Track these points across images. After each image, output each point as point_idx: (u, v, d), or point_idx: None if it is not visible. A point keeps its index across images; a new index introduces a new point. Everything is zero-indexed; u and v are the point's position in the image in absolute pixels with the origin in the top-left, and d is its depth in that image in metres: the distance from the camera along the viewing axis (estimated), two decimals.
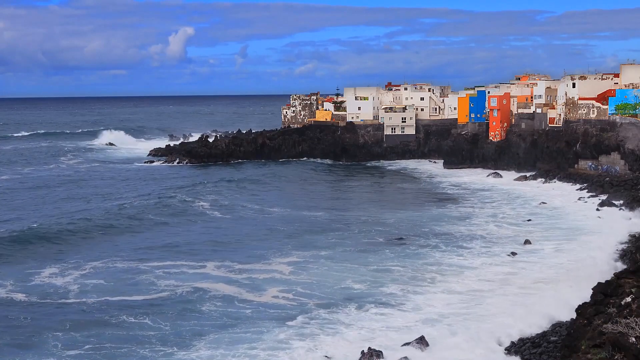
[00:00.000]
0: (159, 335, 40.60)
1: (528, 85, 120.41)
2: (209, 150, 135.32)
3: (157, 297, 47.64)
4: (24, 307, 45.75)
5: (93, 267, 55.26)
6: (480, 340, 38.35)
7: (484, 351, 36.86)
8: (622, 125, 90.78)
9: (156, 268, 54.89)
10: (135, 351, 38.26)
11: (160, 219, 75.34)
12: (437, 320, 41.90)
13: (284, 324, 42.16)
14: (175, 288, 49.48)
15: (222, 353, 37.68)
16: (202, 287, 49.62)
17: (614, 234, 62.86)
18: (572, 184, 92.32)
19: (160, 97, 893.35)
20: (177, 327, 41.77)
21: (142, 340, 39.81)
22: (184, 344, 39.23)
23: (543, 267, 53.99)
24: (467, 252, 59.72)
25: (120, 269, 54.75)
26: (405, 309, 44.47)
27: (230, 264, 56.06)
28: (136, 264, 56.21)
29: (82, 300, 47.13)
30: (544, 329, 39.18)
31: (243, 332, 40.83)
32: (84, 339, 39.83)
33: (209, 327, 41.78)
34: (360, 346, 37.53)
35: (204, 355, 37.50)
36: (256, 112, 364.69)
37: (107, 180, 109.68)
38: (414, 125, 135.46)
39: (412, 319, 42.46)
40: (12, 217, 76.10)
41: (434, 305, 44.97)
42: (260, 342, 39.09)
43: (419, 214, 78.22)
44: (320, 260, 57.07)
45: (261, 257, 58.28)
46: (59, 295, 48.27)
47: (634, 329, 27.31)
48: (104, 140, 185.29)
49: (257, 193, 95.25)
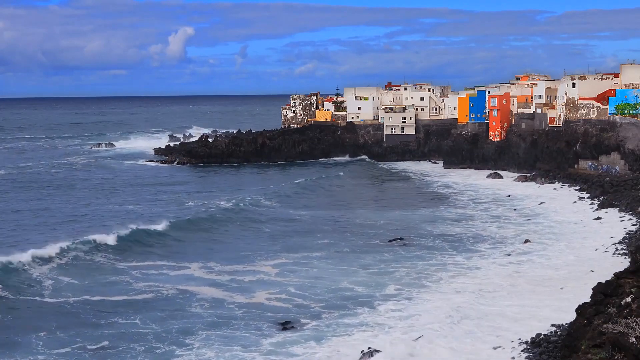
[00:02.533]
0: (150, 334, 40.55)
1: (528, 85, 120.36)
2: (209, 150, 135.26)
3: (152, 297, 47.63)
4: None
5: (67, 263, 54.99)
6: (480, 341, 38.35)
7: (484, 351, 36.83)
8: (622, 125, 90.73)
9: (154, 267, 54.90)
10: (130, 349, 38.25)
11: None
12: (437, 321, 41.81)
13: (283, 323, 42.10)
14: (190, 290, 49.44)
15: (225, 354, 37.64)
16: (189, 289, 49.65)
17: (613, 234, 62.86)
18: (572, 184, 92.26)
19: (160, 97, 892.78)
20: (169, 326, 41.63)
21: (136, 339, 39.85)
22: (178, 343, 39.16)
23: (543, 267, 53.95)
24: (467, 252, 59.69)
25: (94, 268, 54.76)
26: (405, 309, 44.39)
27: (216, 265, 56.10)
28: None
29: (61, 300, 46.90)
30: (544, 329, 39.14)
31: (242, 333, 40.78)
32: (70, 338, 39.71)
33: (203, 326, 41.75)
34: (360, 346, 37.51)
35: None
36: (256, 112, 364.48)
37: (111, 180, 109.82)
38: (414, 125, 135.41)
39: (412, 319, 42.39)
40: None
41: (434, 305, 44.86)
42: (260, 343, 39.05)
43: (419, 214, 78.18)
44: (320, 261, 57.09)
45: (246, 259, 58.10)
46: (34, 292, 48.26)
47: (634, 329, 27.27)
48: (103, 140, 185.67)
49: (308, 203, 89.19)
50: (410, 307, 44.74)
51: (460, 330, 40.17)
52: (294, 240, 64.88)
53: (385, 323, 41.70)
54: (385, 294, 47.59)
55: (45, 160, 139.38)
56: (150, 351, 37.98)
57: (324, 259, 57.58)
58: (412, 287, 49.11)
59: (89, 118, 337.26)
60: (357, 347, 37.40)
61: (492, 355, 36.35)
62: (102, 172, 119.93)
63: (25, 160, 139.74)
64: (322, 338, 39.56)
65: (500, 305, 44.64)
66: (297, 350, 37.87)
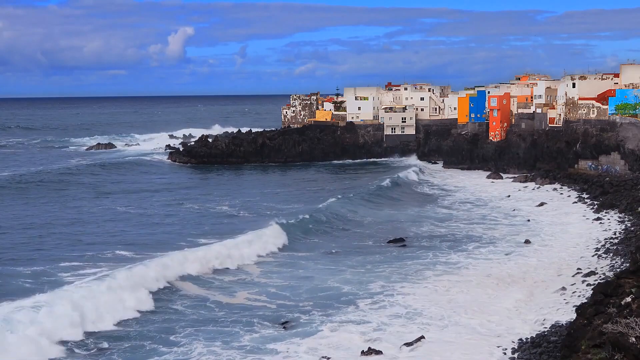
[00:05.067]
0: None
1: (528, 85, 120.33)
2: (209, 150, 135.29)
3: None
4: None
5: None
6: (480, 341, 38.36)
7: (484, 351, 36.83)
8: (622, 125, 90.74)
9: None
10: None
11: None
12: (437, 320, 41.86)
13: (281, 323, 42.13)
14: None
15: (225, 354, 37.68)
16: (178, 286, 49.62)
17: (613, 234, 62.88)
18: (572, 184, 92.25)
19: (160, 97, 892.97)
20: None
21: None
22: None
23: (543, 267, 53.95)
24: (467, 252, 59.72)
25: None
26: (405, 309, 44.37)
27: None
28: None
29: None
30: (544, 329, 39.16)
31: (242, 333, 40.82)
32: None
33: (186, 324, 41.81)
34: (360, 346, 37.51)
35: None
36: (256, 112, 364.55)
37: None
38: (414, 125, 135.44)
39: (412, 319, 42.39)
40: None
41: (434, 305, 44.86)
42: (260, 343, 39.08)
43: (417, 214, 78.20)
44: (315, 261, 57.11)
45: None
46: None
47: (634, 329, 27.26)
48: (103, 140, 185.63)
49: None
50: (410, 307, 44.69)
51: (460, 330, 40.18)
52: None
53: (386, 323, 41.70)
54: (385, 294, 47.52)
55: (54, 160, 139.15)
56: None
57: (322, 258, 57.59)
58: (412, 287, 49.10)
59: (89, 118, 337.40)
60: (356, 347, 37.43)
61: (492, 355, 36.34)
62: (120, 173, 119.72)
63: (31, 164, 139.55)
64: (320, 338, 39.52)
65: (500, 305, 44.64)
66: (297, 350, 37.90)
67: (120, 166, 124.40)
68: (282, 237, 63.51)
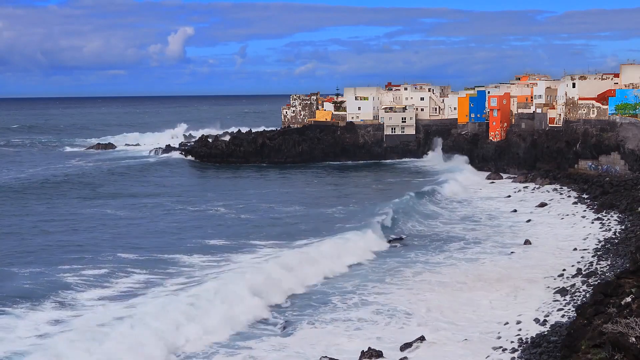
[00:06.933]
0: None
1: (528, 85, 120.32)
2: (209, 150, 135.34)
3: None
4: None
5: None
6: (480, 340, 38.36)
7: (484, 351, 36.84)
8: (622, 125, 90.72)
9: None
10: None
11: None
12: (437, 321, 41.87)
13: (280, 324, 42.19)
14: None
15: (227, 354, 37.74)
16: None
17: (613, 234, 62.87)
18: (572, 184, 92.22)
19: (160, 97, 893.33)
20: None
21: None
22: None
23: (543, 267, 53.94)
24: (467, 252, 59.71)
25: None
26: (405, 309, 44.37)
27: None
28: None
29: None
30: (544, 329, 39.16)
31: (242, 334, 40.86)
32: None
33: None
34: (360, 346, 37.52)
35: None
36: (255, 112, 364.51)
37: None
38: (414, 125, 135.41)
39: (412, 319, 42.41)
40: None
41: (434, 305, 44.88)
42: (259, 343, 39.12)
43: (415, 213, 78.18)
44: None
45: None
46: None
47: (634, 329, 27.25)
48: (102, 140, 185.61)
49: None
50: (410, 307, 44.70)
51: (461, 330, 40.18)
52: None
53: (386, 323, 41.73)
54: (385, 294, 47.56)
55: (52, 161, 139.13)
56: None
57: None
58: (412, 287, 49.10)
59: (89, 118, 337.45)
60: (356, 347, 37.44)
61: (492, 355, 36.34)
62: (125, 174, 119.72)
63: (32, 166, 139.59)
64: (320, 338, 39.57)
65: (500, 305, 44.65)
66: (297, 350, 37.93)
67: (148, 167, 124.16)
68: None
